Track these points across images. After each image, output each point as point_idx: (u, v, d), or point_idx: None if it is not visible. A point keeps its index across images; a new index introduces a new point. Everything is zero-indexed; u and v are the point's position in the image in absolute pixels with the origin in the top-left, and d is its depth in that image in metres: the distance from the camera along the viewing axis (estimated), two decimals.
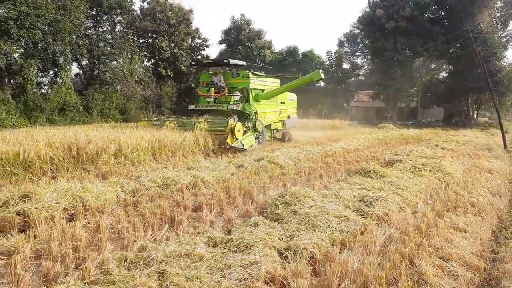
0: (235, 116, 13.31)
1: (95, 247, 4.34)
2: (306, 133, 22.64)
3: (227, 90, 15.22)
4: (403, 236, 4.75)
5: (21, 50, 21.87)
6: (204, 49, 39.43)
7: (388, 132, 24.37)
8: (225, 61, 15.32)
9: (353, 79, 51.09)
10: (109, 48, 28.43)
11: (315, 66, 47.76)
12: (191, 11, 36.13)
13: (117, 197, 6.40)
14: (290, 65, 45.94)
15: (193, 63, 18.67)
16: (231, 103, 14.64)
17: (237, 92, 15.10)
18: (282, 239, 4.46)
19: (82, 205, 5.63)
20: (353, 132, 25.87)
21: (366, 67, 51.06)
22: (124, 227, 4.91)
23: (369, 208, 5.73)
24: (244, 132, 13.18)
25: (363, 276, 3.65)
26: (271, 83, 17.17)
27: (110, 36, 29.53)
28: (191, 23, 36.60)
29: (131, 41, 31.48)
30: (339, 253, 4.15)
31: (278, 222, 5.09)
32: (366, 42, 44.59)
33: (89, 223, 5.13)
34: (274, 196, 6.20)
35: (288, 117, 18.61)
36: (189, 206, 6.04)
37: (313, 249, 4.15)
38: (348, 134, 22.22)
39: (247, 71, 15.61)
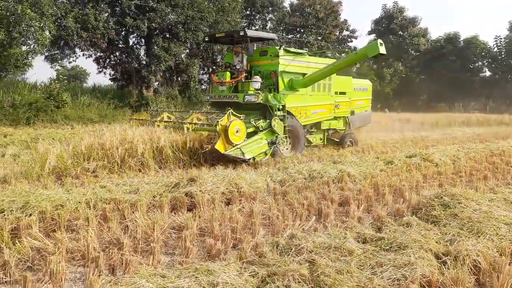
0: (230, 110, 9.32)
1: (249, 230, 4.67)
2: (466, 130, 20.53)
3: (243, 75, 10.88)
4: None
5: (187, 50, 24.80)
6: (351, 41, 38.58)
7: None
8: (241, 33, 10.57)
9: None
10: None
11: (480, 55, 42.33)
12: (340, 3, 35.69)
13: (267, 186, 6.79)
14: (449, 54, 41.57)
15: (206, 38, 12.45)
16: (249, 92, 10.57)
17: (257, 77, 10.65)
18: (440, 242, 4.10)
19: (237, 191, 6.13)
20: None
21: None
22: (274, 214, 5.17)
23: None
24: (251, 135, 9.53)
25: None
26: (319, 64, 11.74)
27: None
28: (339, 15, 36.18)
29: (280, 37, 32.67)
30: (509, 264, 3.62)
31: (435, 225, 4.69)
32: None
33: (243, 207, 5.54)
34: (429, 197, 5.72)
35: (352, 112, 13.40)
36: (335, 200, 6.01)
37: (476, 257, 3.71)
38: None
39: (277, 48, 11.06)
